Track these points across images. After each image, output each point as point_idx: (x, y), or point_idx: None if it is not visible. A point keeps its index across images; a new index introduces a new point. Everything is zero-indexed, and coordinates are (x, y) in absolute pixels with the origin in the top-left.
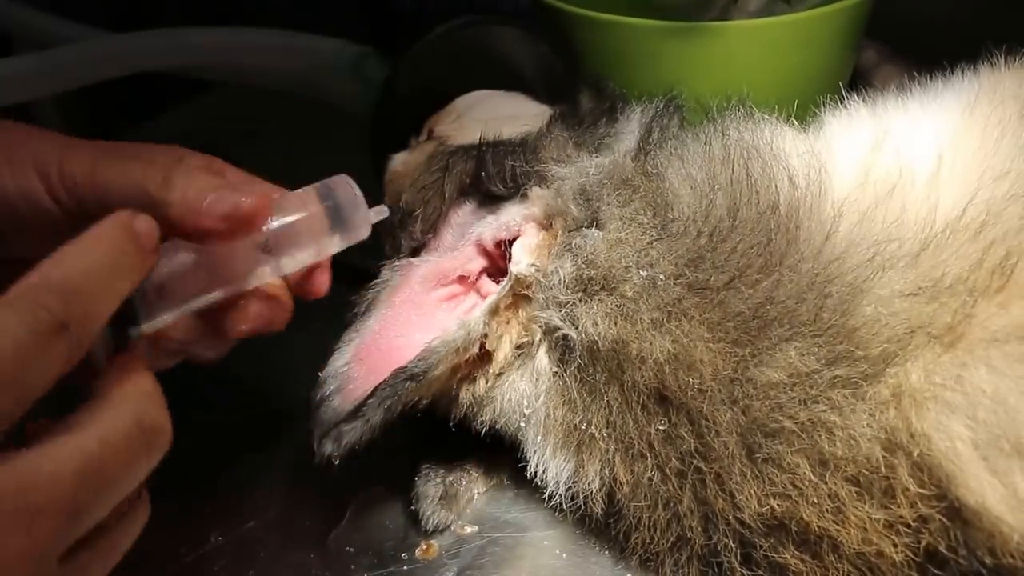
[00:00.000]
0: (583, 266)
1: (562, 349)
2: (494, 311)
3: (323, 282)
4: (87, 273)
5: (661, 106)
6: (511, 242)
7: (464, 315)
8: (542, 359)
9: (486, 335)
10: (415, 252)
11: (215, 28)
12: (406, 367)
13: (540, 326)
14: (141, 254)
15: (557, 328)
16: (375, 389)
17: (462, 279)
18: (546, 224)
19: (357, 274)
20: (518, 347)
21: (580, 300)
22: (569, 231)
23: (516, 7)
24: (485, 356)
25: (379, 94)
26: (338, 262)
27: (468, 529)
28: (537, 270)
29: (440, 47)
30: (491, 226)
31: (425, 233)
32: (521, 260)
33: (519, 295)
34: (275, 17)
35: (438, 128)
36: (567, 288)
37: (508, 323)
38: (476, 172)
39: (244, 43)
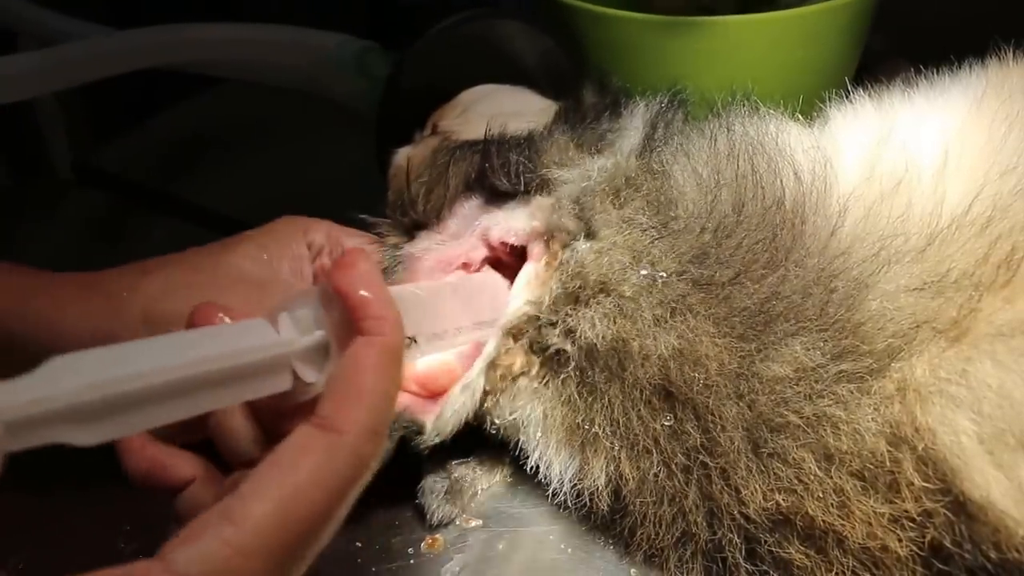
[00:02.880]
0: (568, 280)
1: (557, 359)
2: (492, 367)
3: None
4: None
5: (665, 102)
6: (516, 247)
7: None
8: (537, 370)
9: (488, 390)
10: (416, 228)
11: (218, 24)
12: None
13: (539, 349)
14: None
15: (550, 346)
16: None
17: (465, 266)
18: (548, 242)
19: None
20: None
21: (572, 311)
22: (563, 247)
23: (517, 1)
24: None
25: (383, 89)
26: None
27: (473, 523)
28: (530, 304)
29: (444, 42)
30: (500, 225)
31: (429, 215)
32: (517, 296)
33: (516, 335)
34: (277, 13)
35: (443, 123)
36: (555, 306)
37: (509, 362)
38: (481, 166)
39: (247, 39)
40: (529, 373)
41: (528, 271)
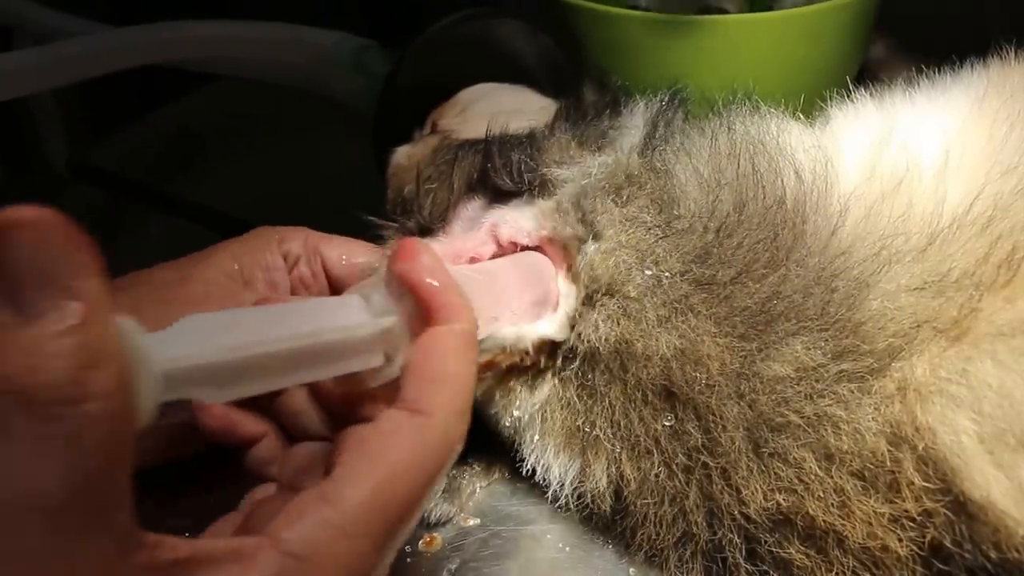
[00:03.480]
0: (586, 283)
1: (563, 359)
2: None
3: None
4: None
5: (665, 100)
6: (526, 248)
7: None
8: (559, 364)
9: (527, 352)
10: (421, 232)
11: (215, 21)
12: None
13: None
14: None
15: (567, 341)
16: None
17: (474, 260)
18: (560, 244)
19: None
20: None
21: (584, 313)
22: (577, 251)
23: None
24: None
25: (381, 87)
26: None
27: (471, 522)
28: (576, 298)
29: (443, 40)
30: (509, 224)
31: (434, 219)
32: (570, 294)
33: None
34: (275, 10)
35: (442, 121)
36: (579, 307)
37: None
38: (483, 165)
39: (244, 36)
40: (554, 367)
41: (562, 277)
